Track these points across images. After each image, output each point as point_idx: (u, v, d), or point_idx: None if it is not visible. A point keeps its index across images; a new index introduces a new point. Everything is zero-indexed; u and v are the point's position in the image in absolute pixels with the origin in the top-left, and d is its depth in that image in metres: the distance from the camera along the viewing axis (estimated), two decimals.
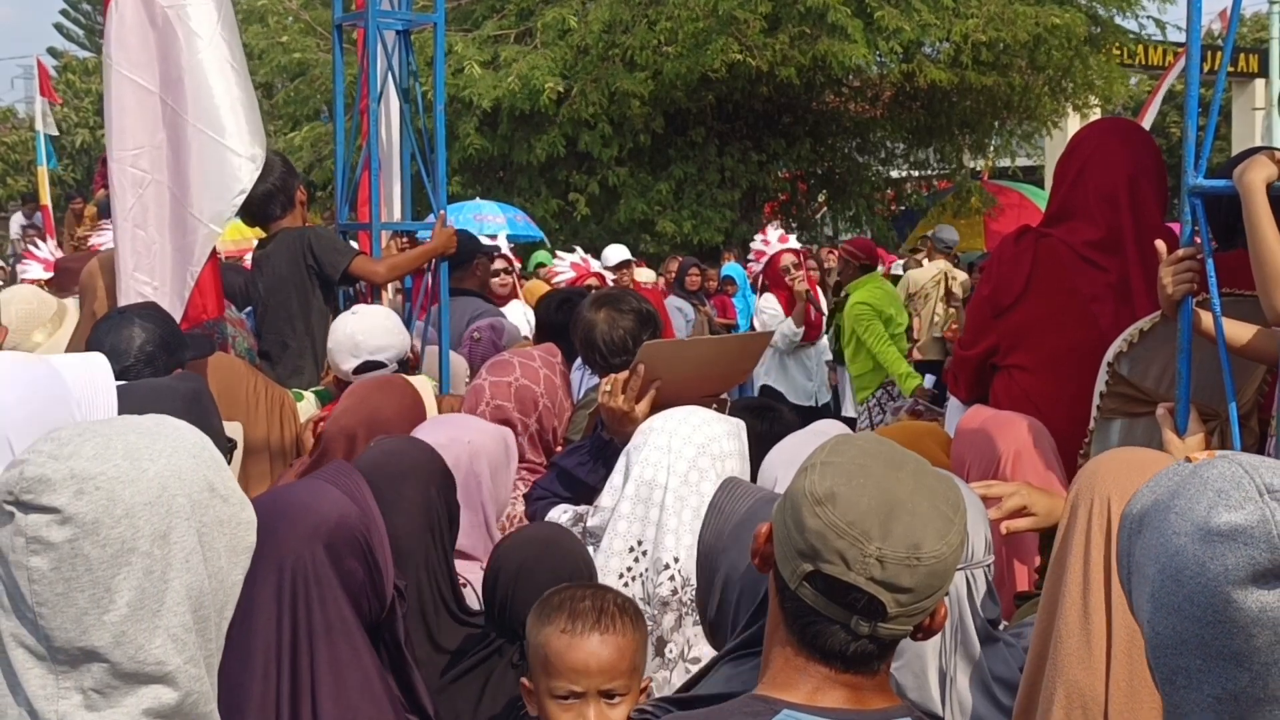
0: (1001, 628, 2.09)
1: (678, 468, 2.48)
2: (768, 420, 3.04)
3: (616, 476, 2.57)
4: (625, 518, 2.49)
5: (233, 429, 3.12)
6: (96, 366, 2.20)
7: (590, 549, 2.53)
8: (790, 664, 1.39)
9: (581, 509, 2.71)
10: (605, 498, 2.57)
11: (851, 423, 7.37)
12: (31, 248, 7.10)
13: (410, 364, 3.93)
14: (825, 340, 8.64)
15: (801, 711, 1.35)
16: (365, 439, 3.03)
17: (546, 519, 2.70)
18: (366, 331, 3.75)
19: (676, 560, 2.41)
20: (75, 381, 2.06)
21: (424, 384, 3.52)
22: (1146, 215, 3.24)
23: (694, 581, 2.32)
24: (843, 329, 7.83)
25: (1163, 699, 1.18)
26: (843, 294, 8.12)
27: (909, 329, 8.63)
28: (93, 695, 1.15)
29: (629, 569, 2.46)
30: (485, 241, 6.53)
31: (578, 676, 1.85)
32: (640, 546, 2.47)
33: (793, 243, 8.87)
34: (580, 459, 2.90)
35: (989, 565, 2.07)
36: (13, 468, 1.17)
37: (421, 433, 3.01)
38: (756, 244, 8.96)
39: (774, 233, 8.99)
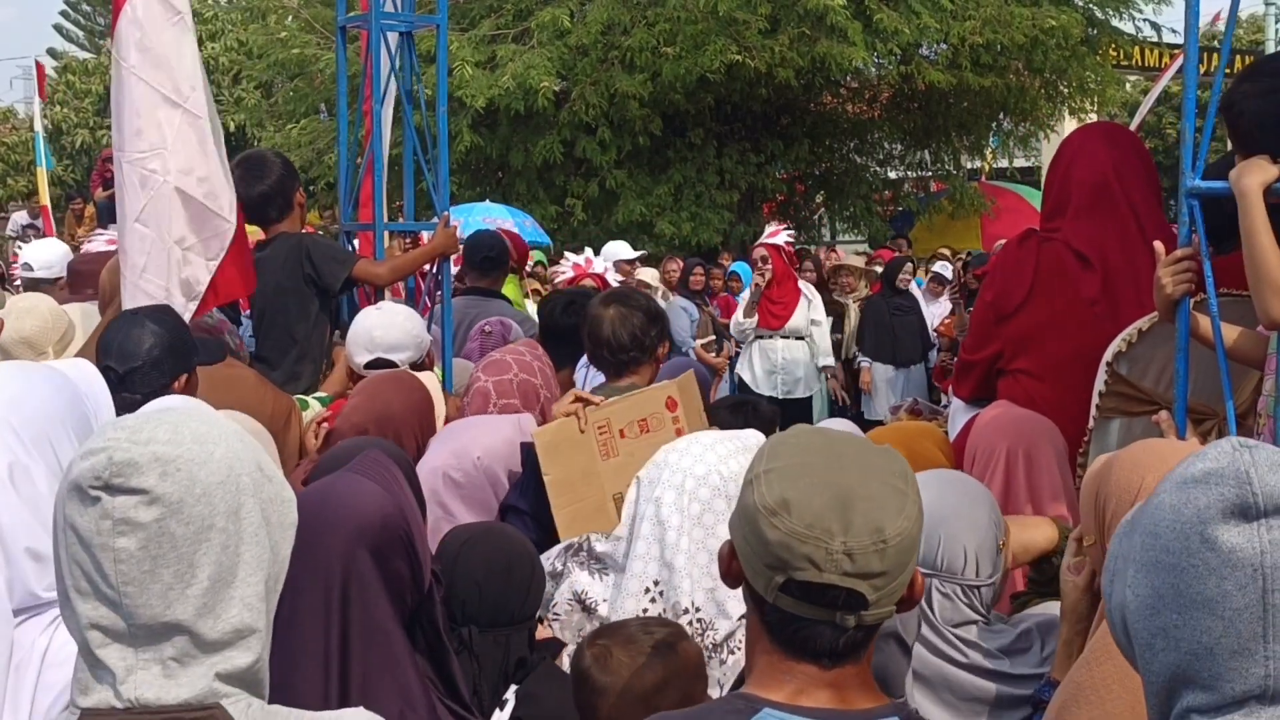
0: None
1: (691, 510, 2.44)
2: (743, 415, 3.08)
3: (629, 506, 2.52)
4: (640, 557, 2.45)
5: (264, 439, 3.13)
6: (86, 368, 2.25)
7: (597, 575, 2.51)
8: (775, 665, 1.39)
9: (550, 560, 2.63)
10: (620, 527, 2.53)
11: (870, 424, 7.40)
12: (17, 250, 7.21)
13: (426, 367, 3.94)
14: (814, 335, 8.78)
15: (783, 711, 1.36)
16: (376, 435, 3.05)
17: None
18: (384, 328, 3.76)
19: (696, 607, 2.38)
20: (80, 381, 2.09)
21: (433, 381, 3.53)
22: (1144, 208, 3.25)
23: (716, 626, 2.32)
24: None
25: (1141, 675, 1.19)
26: None
27: None
28: (171, 665, 1.22)
29: (644, 610, 2.43)
30: None
31: None
32: (657, 587, 2.44)
33: (781, 238, 8.98)
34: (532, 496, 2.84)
35: (973, 588, 2.05)
36: (95, 455, 1.22)
37: (435, 446, 3.03)
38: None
39: (771, 227, 9.22)
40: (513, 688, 2.29)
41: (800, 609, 1.35)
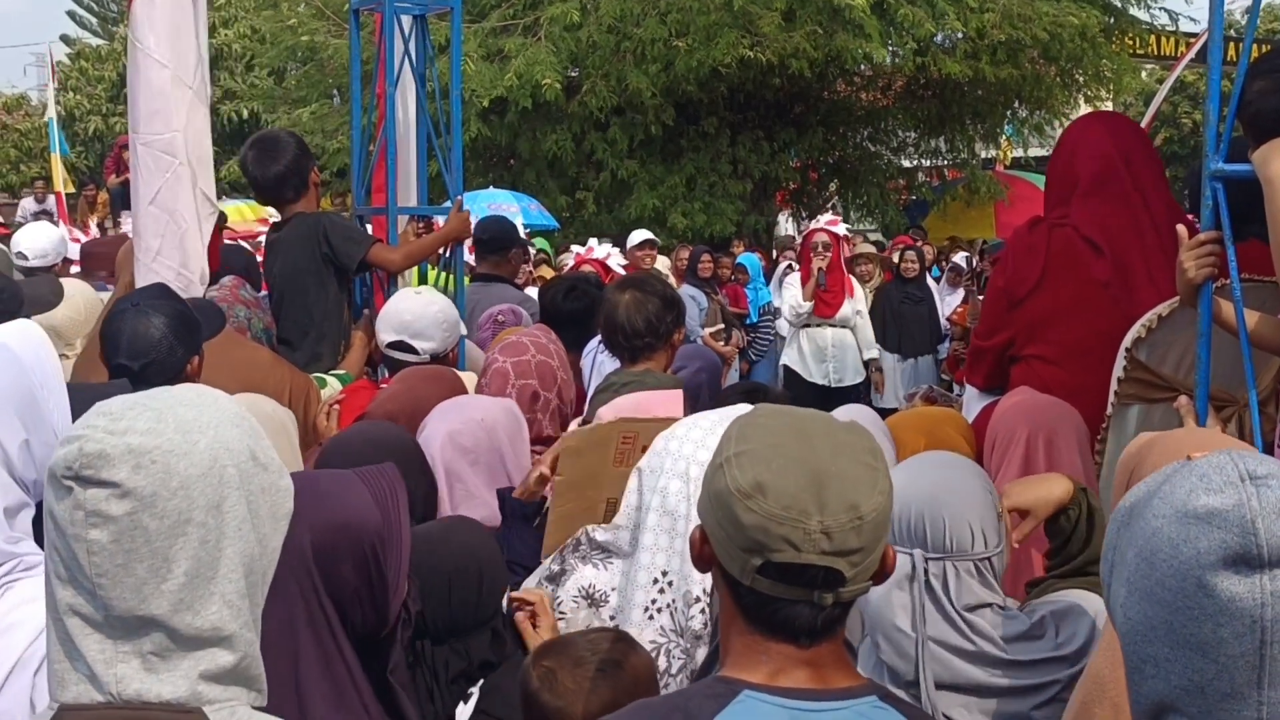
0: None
1: (698, 496, 2.41)
2: (756, 402, 3.05)
3: (631, 496, 2.50)
4: (649, 548, 2.43)
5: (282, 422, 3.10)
6: (32, 332, 2.17)
7: (601, 565, 2.49)
8: (751, 646, 1.38)
9: (546, 565, 2.58)
10: (621, 517, 2.51)
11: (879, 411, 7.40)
12: None
13: (448, 361, 3.92)
14: (858, 325, 8.84)
15: (763, 692, 1.35)
16: (405, 425, 3.05)
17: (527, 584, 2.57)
18: (416, 316, 3.76)
19: (707, 593, 2.36)
20: (20, 349, 2.04)
21: (472, 380, 3.54)
22: (1151, 190, 3.26)
23: None
24: None
25: (1129, 691, 1.16)
26: None
27: None
28: (151, 659, 1.19)
29: (653, 601, 2.41)
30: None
31: None
32: (666, 577, 2.41)
33: (841, 228, 9.07)
34: (519, 534, 2.82)
35: (984, 560, 2.02)
36: (69, 444, 1.20)
37: (435, 419, 3.02)
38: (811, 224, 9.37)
39: (825, 216, 9.39)
40: (480, 682, 2.27)
41: (777, 590, 1.34)
